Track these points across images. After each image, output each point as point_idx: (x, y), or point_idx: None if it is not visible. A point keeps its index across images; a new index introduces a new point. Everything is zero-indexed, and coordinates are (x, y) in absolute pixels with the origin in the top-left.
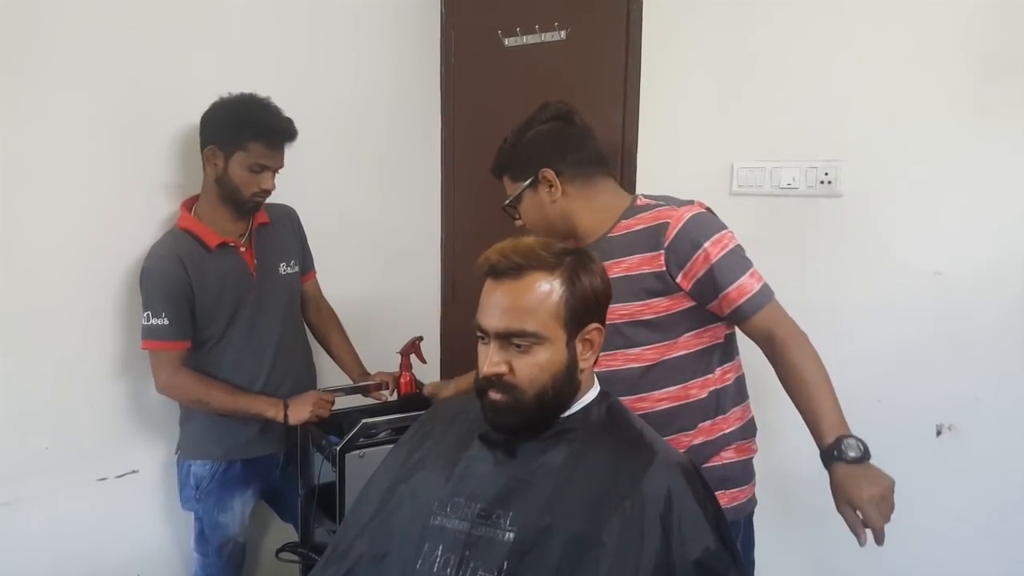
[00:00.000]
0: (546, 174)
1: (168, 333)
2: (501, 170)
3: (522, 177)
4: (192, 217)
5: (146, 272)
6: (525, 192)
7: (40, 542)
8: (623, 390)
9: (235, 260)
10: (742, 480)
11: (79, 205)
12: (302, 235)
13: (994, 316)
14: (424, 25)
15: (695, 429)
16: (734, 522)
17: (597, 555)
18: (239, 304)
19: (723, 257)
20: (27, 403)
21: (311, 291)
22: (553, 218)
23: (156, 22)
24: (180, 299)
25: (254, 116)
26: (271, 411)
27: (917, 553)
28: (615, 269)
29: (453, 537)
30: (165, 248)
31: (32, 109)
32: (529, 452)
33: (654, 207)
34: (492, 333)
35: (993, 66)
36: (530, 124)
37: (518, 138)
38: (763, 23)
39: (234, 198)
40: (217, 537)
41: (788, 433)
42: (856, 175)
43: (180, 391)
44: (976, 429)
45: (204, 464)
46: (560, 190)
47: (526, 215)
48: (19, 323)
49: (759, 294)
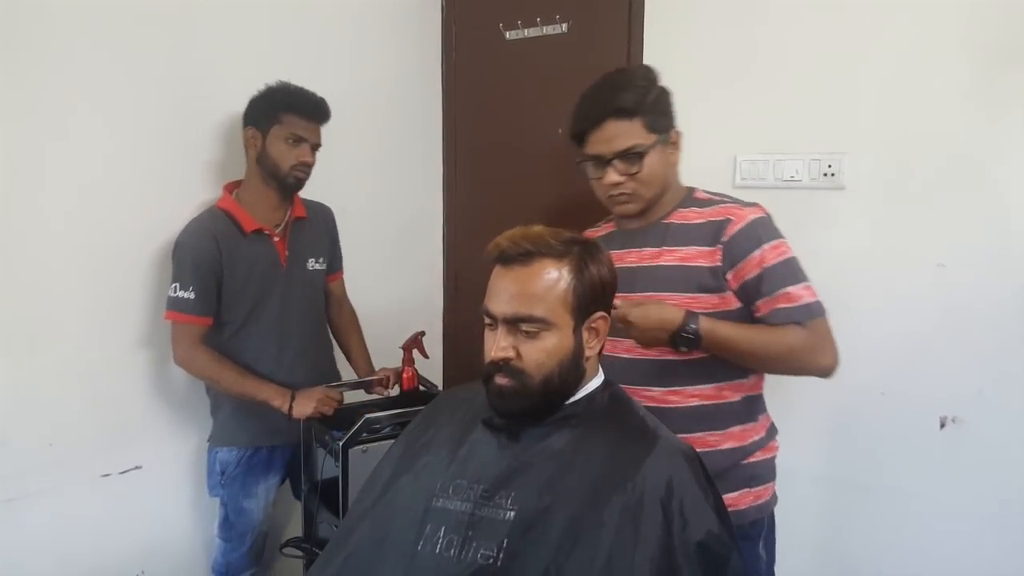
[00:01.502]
0: (675, 134)
1: (192, 307)
2: (638, 111)
3: (659, 129)
4: (232, 199)
5: (179, 245)
6: (657, 145)
7: (44, 539)
8: (653, 379)
9: (267, 248)
10: (766, 478)
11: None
12: (335, 235)
13: (998, 308)
14: (425, 18)
15: (724, 432)
16: (758, 520)
17: (597, 534)
18: (266, 292)
19: (778, 263)
20: (30, 399)
21: (336, 291)
22: (666, 183)
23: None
24: (208, 276)
25: (287, 91)
26: (277, 400)
27: (921, 544)
28: (669, 256)
29: (456, 518)
30: (201, 224)
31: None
32: (532, 436)
33: (717, 203)
34: (500, 318)
35: (996, 57)
36: (654, 77)
37: (649, 84)
38: (766, 15)
39: (275, 175)
40: (242, 523)
41: (790, 431)
42: (859, 168)
43: (195, 366)
44: (980, 421)
45: (231, 450)
46: (678, 154)
47: (651, 168)
48: (22, 319)
49: (809, 306)
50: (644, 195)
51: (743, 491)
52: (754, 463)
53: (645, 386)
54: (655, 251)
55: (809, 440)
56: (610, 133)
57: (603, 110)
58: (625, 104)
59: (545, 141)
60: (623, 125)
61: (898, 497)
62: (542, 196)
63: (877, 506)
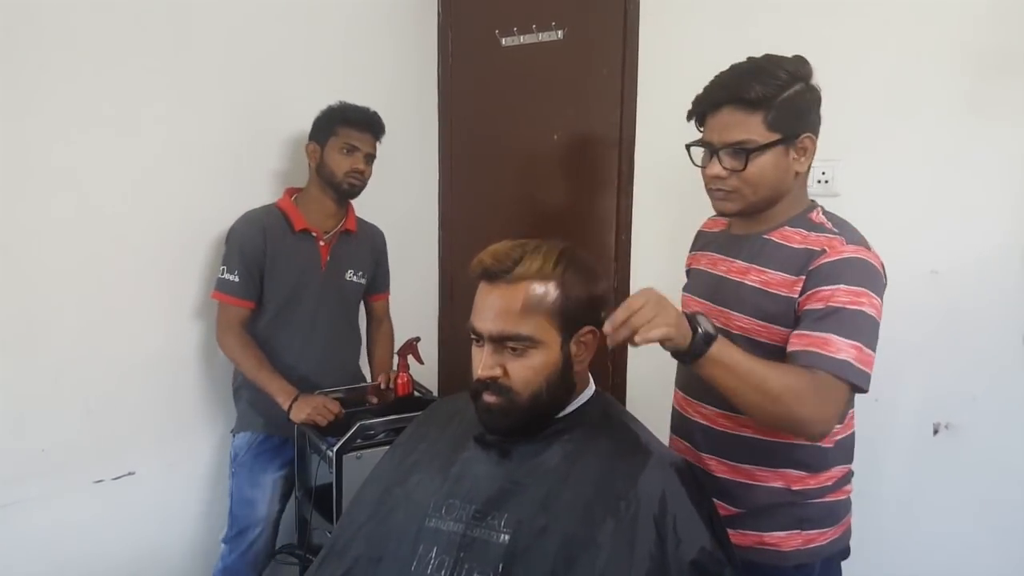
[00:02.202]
0: (808, 141)
1: (234, 289)
2: (762, 104)
3: (785, 129)
4: (290, 200)
5: (232, 231)
6: (776, 146)
7: (37, 545)
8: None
9: (311, 249)
10: (825, 521)
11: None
12: (381, 256)
13: (991, 314)
14: (421, 25)
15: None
16: (805, 565)
17: (592, 556)
18: (301, 289)
19: (845, 310)
20: (23, 406)
21: (378, 310)
22: (778, 189)
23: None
24: (252, 263)
25: (343, 107)
26: (281, 397)
27: (914, 550)
28: (751, 275)
29: (448, 539)
30: (255, 215)
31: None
32: (524, 453)
33: (827, 231)
34: (486, 336)
35: (989, 64)
36: (801, 73)
37: (790, 78)
38: (760, 22)
39: (331, 182)
40: (244, 516)
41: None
42: (853, 174)
43: (226, 346)
44: (973, 427)
45: (245, 435)
46: (807, 164)
47: (761, 170)
48: (15, 323)
49: (842, 365)
50: (748, 196)
51: (792, 531)
52: (808, 505)
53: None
54: (745, 266)
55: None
56: (725, 121)
57: (725, 95)
58: (749, 94)
59: (541, 147)
60: (740, 116)
61: (891, 503)
62: (538, 202)
63: (870, 512)
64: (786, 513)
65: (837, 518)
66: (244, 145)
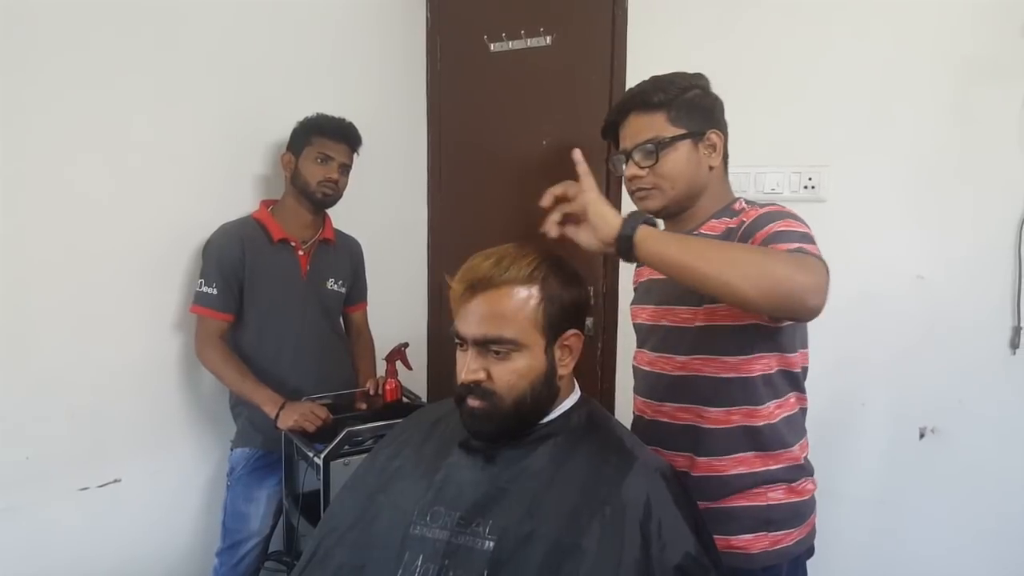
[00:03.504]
0: (714, 136)
1: (213, 302)
2: (663, 105)
3: (688, 125)
4: (266, 211)
5: (209, 244)
6: (683, 142)
7: (22, 553)
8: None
9: (290, 259)
10: (790, 522)
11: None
12: (359, 266)
13: (976, 319)
14: (409, 31)
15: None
16: (773, 567)
17: (577, 561)
18: (283, 299)
19: (783, 231)
20: (7, 413)
21: (357, 320)
22: (694, 182)
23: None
24: (231, 275)
25: (319, 118)
26: (268, 406)
27: (900, 554)
28: None
29: (433, 546)
30: (232, 227)
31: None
32: (509, 458)
33: (743, 211)
34: (470, 340)
35: (974, 72)
36: (698, 82)
37: (687, 84)
38: (747, 29)
39: (305, 192)
40: (236, 530)
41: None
42: (840, 180)
43: (207, 360)
44: (959, 432)
45: (243, 451)
46: (718, 159)
47: (672, 164)
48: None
49: (802, 247)
50: (666, 191)
51: (758, 533)
52: (773, 506)
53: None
54: None
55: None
56: (634, 126)
57: (630, 104)
58: (651, 99)
59: (529, 153)
60: (646, 118)
61: (877, 507)
62: (526, 208)
63: (857, 516)
64: (751, 515)
65: (803, 518)
66: (231, 153)
